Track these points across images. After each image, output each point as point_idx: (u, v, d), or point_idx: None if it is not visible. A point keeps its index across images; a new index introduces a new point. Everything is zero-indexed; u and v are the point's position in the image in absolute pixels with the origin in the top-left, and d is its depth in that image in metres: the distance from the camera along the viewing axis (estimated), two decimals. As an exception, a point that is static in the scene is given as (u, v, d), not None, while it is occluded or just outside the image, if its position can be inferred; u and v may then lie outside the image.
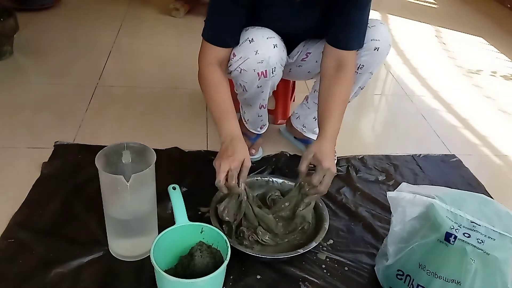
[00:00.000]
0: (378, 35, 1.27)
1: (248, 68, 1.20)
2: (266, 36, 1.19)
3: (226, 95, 1.19)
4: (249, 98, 1.34)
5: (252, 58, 1.19)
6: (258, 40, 1.18)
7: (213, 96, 1.19)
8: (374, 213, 1.36)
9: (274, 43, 1.20)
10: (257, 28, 1.21)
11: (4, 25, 2.00)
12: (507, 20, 3.35)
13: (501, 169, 1.71)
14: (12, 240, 1.13)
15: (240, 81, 1.26)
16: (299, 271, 1.13)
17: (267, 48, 1.19)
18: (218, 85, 1.19)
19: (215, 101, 1.19)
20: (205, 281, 0.92)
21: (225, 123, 1.15)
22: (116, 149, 1.04)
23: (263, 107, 1.41)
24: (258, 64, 1.19)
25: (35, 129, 1.61)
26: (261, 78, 1.23)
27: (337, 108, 1.22)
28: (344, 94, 1.24)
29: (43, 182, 1.33)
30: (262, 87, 1.27)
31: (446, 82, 2.33)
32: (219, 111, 1.17)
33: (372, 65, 1.31)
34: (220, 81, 1.20)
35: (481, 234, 0.94)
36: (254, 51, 1.18)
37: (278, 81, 1.32)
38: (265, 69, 1.21)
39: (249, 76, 1.22)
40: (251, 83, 1.25)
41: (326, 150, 1.16)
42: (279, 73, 1.27)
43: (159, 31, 2.59)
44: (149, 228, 1.12)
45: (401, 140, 1.80)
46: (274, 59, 1.21)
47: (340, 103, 1.22)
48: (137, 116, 1.75)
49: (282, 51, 1.24)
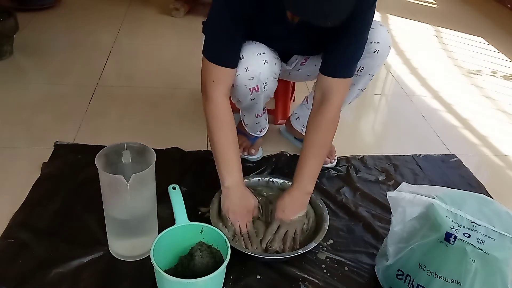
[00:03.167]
0: (378, 38, 1.26)
1: (239, 84, 1.19)
2: (256, 53, 1.18)
3: (231, 140, 1.18)
4: (245, 108, 1.36)
5: (243, 74, 1.18)
6: (248, 57, 1.17)
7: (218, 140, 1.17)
8: (374, 213, 1.36)
9: (264, 59, 1.18)
10: (248, 44, 1.19)
11: (4, 25, 2.00)
12: (507, 20, 3.35)
13: (501, 169, 1.71)
14: (12, 240, 1.13)
15: (233, 95, 1.27)
16: (299, 271, 1.13)
17: (257, 65, 1.18)
18: (225, 127, 1.17)
19: (220, 144, 1.18)
20: (205, 281, 0.92)
21: (230, 172, 1.18)
22: (116, 149, 1.04)
23: (259, 116, 1.42)
24: (249, 81, 1.19)
25: (35, 129, 1.61)
26: (253, 92, 1.23)
27: (313, 157, 1.21)
28: (320, 140, 1.22)
29: (43, 182, 1.33)
30: (255, 99, 1.27)
31: (446, 82, 2.33)
32: (224, 157, 1.18)
33: (372, 68, 1.31)
34: (227, 122, 1.18)
35: (481, 234, 0.94)
36: (244, 68, 1.17)
37: (273, 91, 1.31)
38: (257, 85, 1.20)
39: (241, 91, 1.22)
40: (244, 97, 1.25)
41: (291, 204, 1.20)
42: (272, 85, 1.26)
43: (159, 31, 2.59)
44: (149, 228, 1.12)
45: (401, 140, 1.80)
46: (265, 75, 1.20)
47: (316, 150, 1.22)
48: (137, 116, 1.75)
49: (273, 66, 1.22)
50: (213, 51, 1.15)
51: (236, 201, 1.18)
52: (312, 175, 1.22)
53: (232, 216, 1.18)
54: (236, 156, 1.19)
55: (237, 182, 1.19)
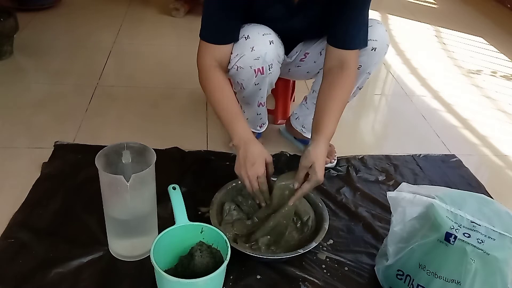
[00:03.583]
0: (375, 35, 1.26)
1: (244, 65, 1.20)
2: (262, 33, 1.19)
3: (232, 97, 1.19)
4: (248, 96, 1.34)
5: (248, 54, 1.18)
6: (253, 36, 1.18)
7: (219, 99, 1.18)
8: (374, 213, 1.36)
9: (270, 39, 1.19)
10: (253, 25, 1.20)
11: (4, 25, 2.00)
12: (507, 20, 3.35)
13: (501, 169, 1.71)
14: (12, 240, 1.13)
15: (237, 79, 1.26)
16: (299, 271, 1.13)
17: (263, 45, 1.18)
18: (223, 87, 1.18)
19: (222, 104, 1.18)
20: (205, 281, 0.92)
21: (236, 127, 1.15)
22: (116, 149, 1.04)
23: (262, 105, 1.41)
24: (255, 61, 1.19)
25: (35, 129, 1.61)
26: (258, 75, 1.22)
27: (336, 110, 1.20)
28: (345, 96, 1.23)
29: (43, 182, 1.33)
30: (259, 84, 1.27)
31: (446, 82, 2.33)
32: (228, 115, 1.17)
33: (369, 66, 1.31)
34: (224, 83, 1.19)
35: (481, 234, 0.94)
36: (250, 48, 1.18)
37: (276, 79, 1.31)
38: (262, 66, 1.20)
39: (246, 73, 1.22)
40: (248, 80, 1.24)
41: (322, 157, 1.14)
42: (276, 70, 1.26)
43: (159, 31, 2.59)
44: (149, 228, 1.12)
45: (401, 140, 1.80)
46: (271, 56, 1.20)
47: (340, 105, 1.21)
48: (137, 116, 1.75)
49: (279, 48, 1.23)
50: (206, 29, 1.18)
51: (243, 155, 1.13)
52: (334, 129, 1.19)
53: (239, 172, 1.13)
54: (238, 109, 1.18)
55: (243, 137, 1.14)
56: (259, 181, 1.13)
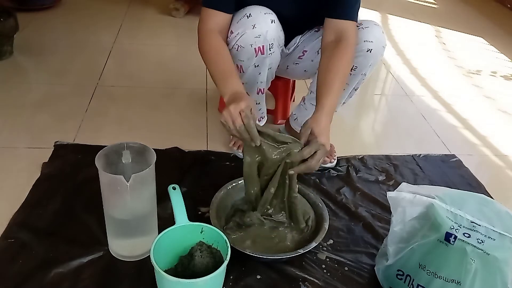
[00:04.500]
0: (371, 37, 1.26)
1: (245, 44, 1.20)
2: (264, 12, 1.20)
3: (228, 57, 1.19)
4: (247, 81, 1.32)
5: (249, 32, 1.19)
6: (255, 15, 1.19)
7: (214, 59, 1.18)
8: (374, 213, 1.36)
9: (272, 18, 1.20)
10: (255, 6, 1.22)
11: (4, 25, 2.00)
12: (507, 20, 3.35)
13: (501, 169, 1.71)
14: (12, 240, 1.13)
15: (237, 61, 1.25)
16: (299, 271, 1.13)
17: (264, 23, 1.19)
18: (220, 48, 1.19)
19: (216, 63, 1.18)
20: (205, 281, 0.92)
21: (228, 82, 1.13)
22: (116, 149, 1.04)
23: (261, 91, 1.39)
24: (255, 39, 1.19)
25: (35, 129, 1.61)
26: (258, 55, 1.22)
27: (336, 82, 1.19)
28: (343, 67, 1.21)
29: (43, 182, 1.33)
30: (259, 67, 1.26)
31: (446, 82, 2.33)
32: (221, 72, 1.16)
33: (365, 67, 1.31)
34: (221, 45, 1.19)
35: (481, 234, 0.94)
36: (251, 25, 1.18)
37: (276, 66, 1.31)
38: (262, 44, 1.21)
39: (246, 53, 1.22)
40: (248, 61, 1.24)
41: (323, 125, 1.13)
42: (276, 52, 1.26)
43: (159, 31, 2.59)
44: (149, 228, 1.12)
45: (401, 140, 1.80)
46: (272, 34, 1.21)
47: (339, 77, 1.20)
48: (137, 116, 1.75)
49: (279, 30, 1.24)
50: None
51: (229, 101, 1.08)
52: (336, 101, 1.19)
53: (222, 114, 1.06)
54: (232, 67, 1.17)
55: (236, 90, 1.11)
56: (242, 115, 1.04)
